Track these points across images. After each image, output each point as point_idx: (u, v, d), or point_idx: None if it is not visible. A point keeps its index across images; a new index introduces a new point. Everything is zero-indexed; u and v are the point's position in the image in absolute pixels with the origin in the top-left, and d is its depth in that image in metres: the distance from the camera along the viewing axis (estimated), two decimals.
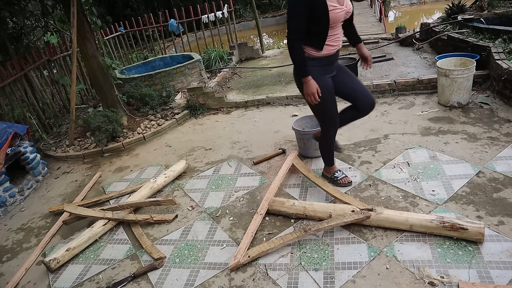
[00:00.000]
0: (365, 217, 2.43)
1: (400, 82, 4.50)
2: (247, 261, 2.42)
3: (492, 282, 1.98)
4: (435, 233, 2.30)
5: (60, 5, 6.33)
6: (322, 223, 2.48)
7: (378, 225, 2.47)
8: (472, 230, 2.19)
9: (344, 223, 2.47)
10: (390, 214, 2.44)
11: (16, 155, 4.08)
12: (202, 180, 3.59)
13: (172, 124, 5.09)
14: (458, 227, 2.21)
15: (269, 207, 2.82)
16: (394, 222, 2.41)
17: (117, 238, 3.03)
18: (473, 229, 2.19)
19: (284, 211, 2.76)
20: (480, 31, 4.96)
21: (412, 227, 2.36)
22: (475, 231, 2.19)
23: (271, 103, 5.09)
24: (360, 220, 2.46)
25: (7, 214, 3.81)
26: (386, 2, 12.70)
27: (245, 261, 2.41)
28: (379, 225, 2.47)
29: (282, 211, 2.77)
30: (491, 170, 2.84)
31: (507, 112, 3.61)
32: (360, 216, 2.43)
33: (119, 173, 4.16)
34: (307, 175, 3.08)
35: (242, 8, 15.60)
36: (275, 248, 2.45)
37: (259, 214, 2.78)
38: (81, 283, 2.63)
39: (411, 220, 2.36)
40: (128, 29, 8.70)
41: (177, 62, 6.64)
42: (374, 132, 3.76)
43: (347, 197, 2.75)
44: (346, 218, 2.46)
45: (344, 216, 2.48)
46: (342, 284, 2.16)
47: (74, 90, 4.98)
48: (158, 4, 14.23)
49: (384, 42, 6.83)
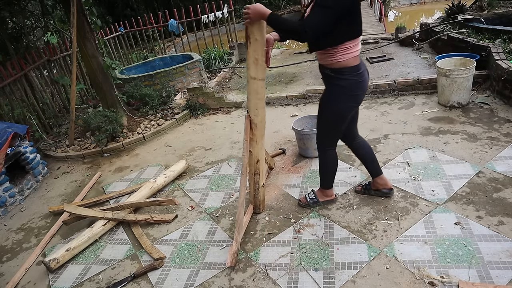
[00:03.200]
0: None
1: (400, 82, 4.50)
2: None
3: (492, 282, 1.98)
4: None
5: (60, 5, 6.33)
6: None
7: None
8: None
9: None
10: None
11: (16, 155, 4.08)
12: (202, 180, 3.59)
13: (172, 124, 5.09)
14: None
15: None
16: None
17: (117, 238, 3.03)
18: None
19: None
20: (480, 31, 4.96)
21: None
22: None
23: (271, 103, 5.09)
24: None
25: (7, 214, 3.81)
26: (386, 2, 12.69)
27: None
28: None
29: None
30: (491, 170, 2.84)
31: (507, 112, 3.61)
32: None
33: (119, 173, 4.15)
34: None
35: (242, 8, 15.58)
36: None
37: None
38: (81, 283, 2.63)
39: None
40: (128, 29, 8.70)
41: (177, 62, 6.64)
42: (374, 132, 3.76)
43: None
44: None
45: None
46: (342, 284, 2.16)
47: (74, 90, 4.98)
48: (158, 4, 14.23)
49: (384, 42, 6.83)
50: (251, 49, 2.31)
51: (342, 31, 2.09)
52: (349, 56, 2.17)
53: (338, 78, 2.24)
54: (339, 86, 2.27)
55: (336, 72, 2.24)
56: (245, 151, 2.58)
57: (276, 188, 3.19)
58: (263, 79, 2.44)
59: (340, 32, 2.10)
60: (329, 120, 2.44)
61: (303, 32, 1.98)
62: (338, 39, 2.12)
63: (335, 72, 2.24)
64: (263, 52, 2.34)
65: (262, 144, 2.67)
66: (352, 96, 2.30)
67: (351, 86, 2.26)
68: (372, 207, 2.72)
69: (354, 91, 2.28)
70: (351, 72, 2.22)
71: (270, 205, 2.98)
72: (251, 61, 2.35)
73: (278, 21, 2.09)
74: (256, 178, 2.73)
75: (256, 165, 2.69)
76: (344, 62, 2.18)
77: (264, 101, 2.54)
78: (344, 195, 2.91)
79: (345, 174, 3.17)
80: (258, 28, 2.24)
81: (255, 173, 2.71)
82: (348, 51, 2.15)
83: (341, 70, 2.22)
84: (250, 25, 2.22)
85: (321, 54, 2.26)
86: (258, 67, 2.37)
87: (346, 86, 2.25)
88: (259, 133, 2.58)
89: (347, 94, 2.28)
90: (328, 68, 2.28)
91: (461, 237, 2.30)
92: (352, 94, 2.29)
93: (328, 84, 2.37)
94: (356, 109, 2.47)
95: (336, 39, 2.12)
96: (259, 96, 2.46)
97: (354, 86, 2.26)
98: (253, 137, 2.58)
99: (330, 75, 2.29)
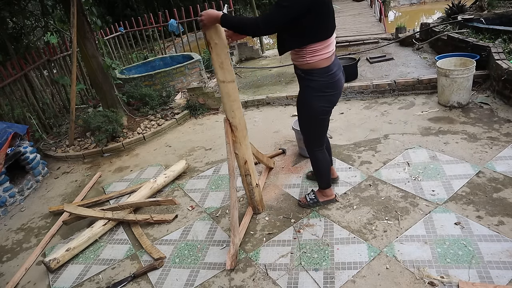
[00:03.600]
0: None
1: (400, 82, 4.50)
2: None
3: (492, 282, 1.98)
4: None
5: (60, 5, 6.33)
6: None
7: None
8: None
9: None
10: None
11: (16, 155, 4.08)
12: (202, 180, 3.59)
13: (172, 124, 5.09)
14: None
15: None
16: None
17: (117, 238, 3.03)
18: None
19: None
20: (480, 31, 4.96)
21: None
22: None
23: (271, 103, 5.09)
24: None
25: (7, 214, 3.81)
26: (386, 2, 12.70)
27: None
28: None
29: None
30: (491, 170, 2.84)
31: (507, 112, 3.61)
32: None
33: (119, 173, 4.15)
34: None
35: (242, 8, 15.58)
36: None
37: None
38: (81, 283, 2.63)
39: None
40: (128, 29, 8.69)
41: (177, 62, 6.64)
42: (374, 132, 3.76)
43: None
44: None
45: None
46: (342, 284, 2.16)
47: (74, 90, 4.98)
48: (158, 4, 14.23)
49: (384, 42, 6.83)
50: (214, 54, 2.34)
51: (308, 32, 2.11)
52: (318, 58, 2.19)
53: (308, 79, 2.28)
54: (309, 87, 2.31)
55: (306, 73, 2.28)
56: (229, 154, 2.59)
57: (276, 188, 3.19)
58: (232, 81, 2.45)
59: (306, 34, 2.12)
60: (306, 121, 2.50)
61: (255, 26, 2.03)
62: (303, 41, 2.14)
63: (305, 73, 2.29)
64: (226, 55, 2.36)
65: (246, 145, 2.67)
66: (323, 96, 2.32)
67: (320, 87, 2.28)
68: (372, 207, 2.72)
69: (324, 91, 2.30)
70: (321, 74, 2.24)
71: (270, 205, 2.98)
72: (217, 66, 2.37)
73: (230, 19, 2.14)
74: (248, 179, 2.73)
75: (245, 166, 2.69)
76: (313, 63, 2.21)
77: (239, 102, 2.54)
78: (344, 195, 2.91)
79: (345, 174, 3.17)
80: (215, 33, 2.26)
81: (245, 174, 2.71)
82: (317, 53, 2.17)
83: (311, 71, 2.25)
84: (208, 31, 2.24)
85: (293, 54, 2.30)
86: (225, 70, 2.39)
87: (315, 87, 2.28)
88: (240, 134, 2.59)
89: (318, 95, 2.31)
90: (299, 69, 2.33)
91: (461, 237, 2.30)
92: (322, 94, 2.31)
93: (300, 84, 2.41)
94: (331, 109, 2.46)
95: (301, 41, 2.15)
96: (232, 98, 2.48)
97: (324, 86, 2.28)
98: (236, 139, 2.60)
99: (301, 76, 2.34)
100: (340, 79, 2.36)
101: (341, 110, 4.43)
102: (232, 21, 2.13)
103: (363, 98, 4.64)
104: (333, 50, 2.25)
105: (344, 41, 7.48)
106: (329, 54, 2.22)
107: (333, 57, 2.28)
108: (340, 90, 2.39)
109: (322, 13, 2.09)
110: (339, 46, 7.40)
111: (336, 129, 3.95)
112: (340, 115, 4.30)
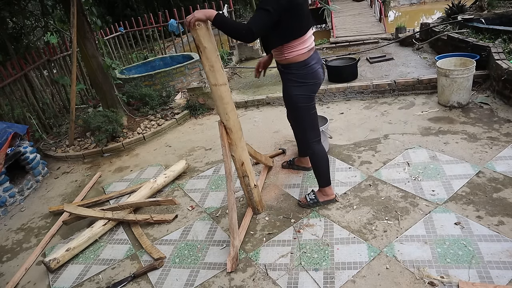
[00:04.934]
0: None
1: (400, 82, 4.50)
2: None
3: (492, 282, 1.98)
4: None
5: (60, 5, 6.33)
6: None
7: None
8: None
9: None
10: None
11: (16, 155, 4.08)
12: (202, 180, 3.59)
13: (172, 124, 5.09)
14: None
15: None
16: None
17: (117, 238, 3.03)
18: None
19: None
20: (480, 31, 4.96)
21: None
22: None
23: (271, 103, 5.09)
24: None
25: (7, 214, 3.81)
26: (386, 2, 12.70)
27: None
28: None
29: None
30: (491, 170, 2.84)
31: (507, 112, 3.61)
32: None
33: (119, 173, 4.15)
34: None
35: (242, 8, 15.60)
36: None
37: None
38: (81, 283, 2.63)
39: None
40: (128, 29, 8.69)
41: (177, 62, 6.64)
42: (374, 132, 3.76)
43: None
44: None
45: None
46: (342, 284, 2.16)
47: (74, 90, 4.97)
48: (158, 4, 14.24)
49: (384, 42, 6.84)
50: (203, 58, 2.33)
51: (284, 32, 2.29)
52: (295, 53, 2.38)
53: (287, 73, 2.51)
54: (289, 80, 2.52)
55: (285, 67, 2.50)
56: (225, 157, 2.59)
57: (276, 188, 3.19)
58: (225, 84, 2.45)
59: (285, 33, 2.30)
60: (294, 113, 2.65)
61: (249, 30, 2.12)
62: (283, 39, 2.34)
63: (284, 67, 2.51)
64: (216, 58, 2.36)
65: (242, 146, 2.67)
66: (303, 86, 2.49)
67: (298, 78, 2.47)
68: (372, 207, 2.72)
69: (304, 81, 2.48)
70: (298, 67, 2.44)
71: (270, 205, 2.98)
72: (208, 69, 2.37)
73: (225, 20, 2.20)
74: (246, 181, 2.72)
75: (242, 168, 2.69)
76: (291, 58, 2.41)
77: (232, 104, 2.55)
78: (344, 195, 2.92)
79: (345, 174, 3.17)
80: (205, 36, 2.25)
81: (243, 175, 2.71)
82: (294, 49, 2.37)
83: (289, 66, 2.46)
84: (196, 34, 2.23)
85: (274, 52, 2.51)
86: (216, 73, 2.38)
87: (293, 78, 2.49)
88: (235, 136, 2.59)
89: (297, 85, 2.49)
90: (280, 64, 2.56)
91: (461, 237, 2.30)
92: (302, 84, 2.48)
93: (283, 79, 2.61)
94: (313, 97, 2.57)
95: (281, 39, 2.34)
96: (225, 100, 2.47)
97: (302, 77, 2.47)
98: (231, 141, 2.60)
99: (281, 70, 2.56)
100: (319, 71, 2.53)
101: (341, 110, 4.43)
102: (226, 23, 2.19)
103: (363, 98, 4.65)
104: (310, 46, 2.43)
105: (344, 41, 7.49)
106: (306, 50, 2.40)
107: (312, 52, 2.46)
108: (320, 81, 2.57)
109: (297, 14, 2.25)
110: (339, 46, 7.41)
111: (336, 129, 3.95)
112: (340, 115, 4.30)
